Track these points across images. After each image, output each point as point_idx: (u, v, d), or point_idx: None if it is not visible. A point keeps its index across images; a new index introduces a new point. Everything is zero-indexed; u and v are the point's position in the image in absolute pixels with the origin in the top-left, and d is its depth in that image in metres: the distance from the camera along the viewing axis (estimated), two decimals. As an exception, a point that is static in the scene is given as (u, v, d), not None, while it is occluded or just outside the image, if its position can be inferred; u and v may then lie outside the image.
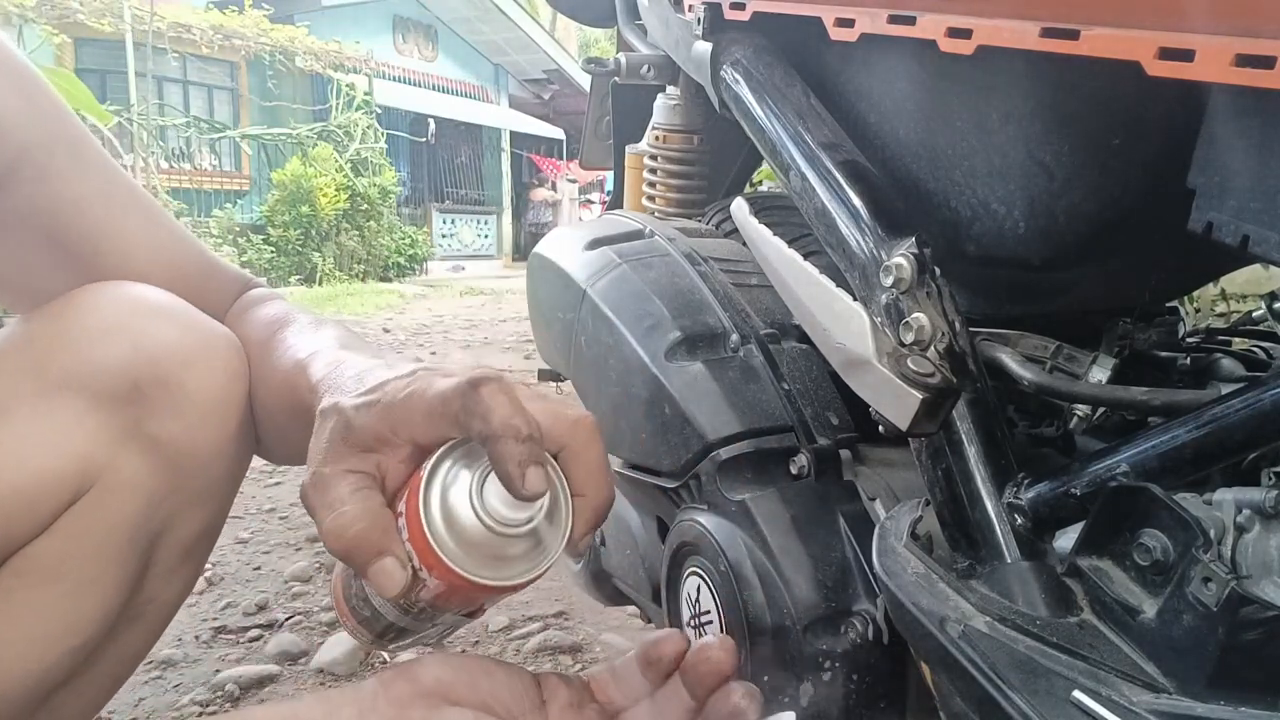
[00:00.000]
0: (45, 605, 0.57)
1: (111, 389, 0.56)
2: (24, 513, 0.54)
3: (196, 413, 0.60)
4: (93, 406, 0.56)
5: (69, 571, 0.57)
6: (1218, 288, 2.15)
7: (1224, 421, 0.49)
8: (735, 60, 0.83)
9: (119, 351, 0.57)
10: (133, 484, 0.59)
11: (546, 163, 15.39)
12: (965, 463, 0.59)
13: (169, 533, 0.63)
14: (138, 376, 0.57)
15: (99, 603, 0.59)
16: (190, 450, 0.61)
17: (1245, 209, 0.48)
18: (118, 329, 0.58)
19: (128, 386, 0.57)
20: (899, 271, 0.60)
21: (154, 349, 0.58)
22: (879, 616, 0.67)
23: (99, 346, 0.57)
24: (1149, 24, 0.46)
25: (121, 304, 0.59)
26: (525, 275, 1.11)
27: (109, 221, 0.65)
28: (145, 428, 0.58)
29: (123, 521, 0.58)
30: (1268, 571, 0.49)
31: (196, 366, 0.60)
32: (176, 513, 0.63)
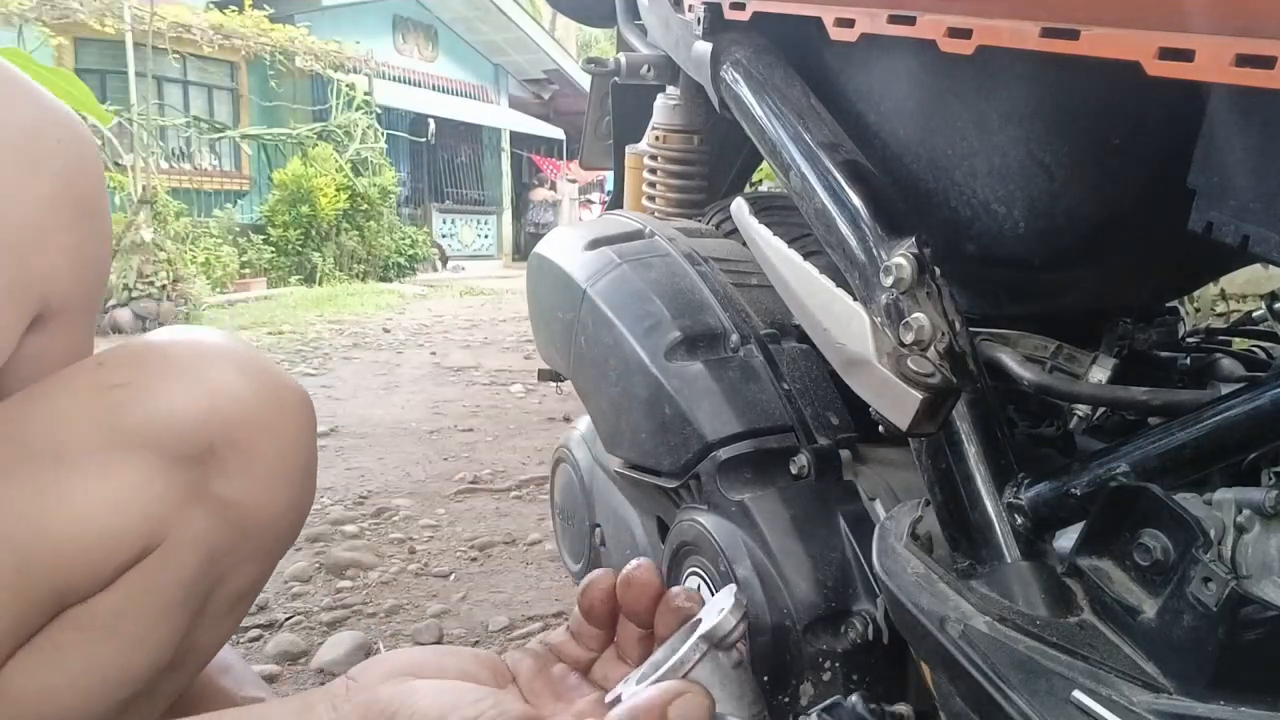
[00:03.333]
0: (98, 659, 0.56)
1: (186, 449, 0.56)
2: (88, 569, 0.54)
3: (266, 475, 0.60)
4: (165, 466, 0.55)
5: (125, 628, 0.56)
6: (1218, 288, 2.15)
7: (1224, 421, 0.49)
8: (735, 60, 0.83)
9: (196, 412, 0.56)
10: (195, 543, 0.58)
11: (546, 163, 15.38)
12: (965, 463, 0.59)
13: (221, 586, 0.63)
14: (213, 438, 0.57)
15: (150, 659, 0.59)
16: (255, 511, 0.61)
17: (1245, 209, 0.48)
18: (195, 386, 0.57)
19: (202, 448, 0.57)
20: (899, 271, 0.60)
21: (230, 410, 0.57)
22: (879, 616, 0.67)
23: (177, 404, 0.56)
24: (1149, 24, 0.46)
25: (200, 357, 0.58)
26: (525, 275, 1.11)
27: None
28: (214, 488, 0.58)
29: (182, 580, 0.58)
30: (1268, 571, 0.49)
31: (270, 429, 0.60)
32: (233, 568, 0.62)
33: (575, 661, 0.46)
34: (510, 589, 1.68)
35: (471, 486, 2.33)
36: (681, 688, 0.36)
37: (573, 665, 0.46)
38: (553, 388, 3.51)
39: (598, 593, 0.45)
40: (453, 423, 3.06)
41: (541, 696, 0.43)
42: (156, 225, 6.46)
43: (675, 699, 0.35)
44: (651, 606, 0.44)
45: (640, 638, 0.45)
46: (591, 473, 1.08)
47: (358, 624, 1.52)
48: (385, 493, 2.23)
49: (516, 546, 1.90)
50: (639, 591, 0.43)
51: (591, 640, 0.46)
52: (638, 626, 0.45)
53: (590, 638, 0.46)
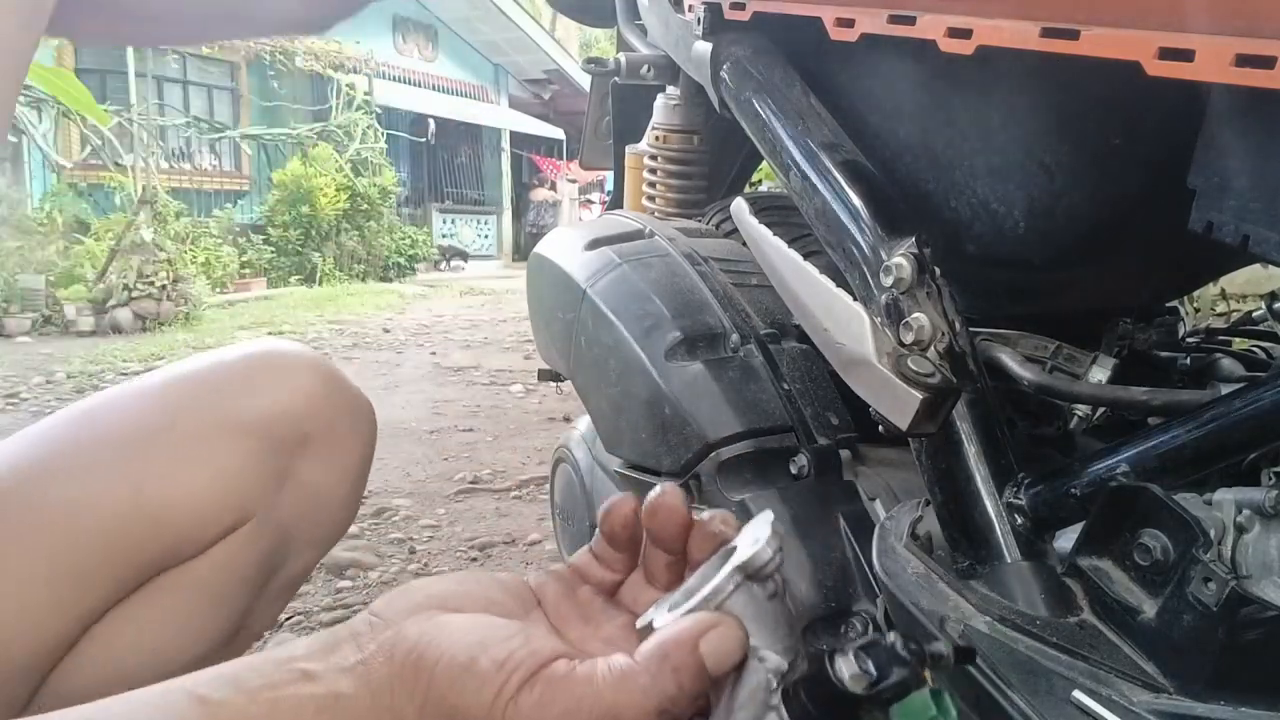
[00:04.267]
0: (182, 619, 0.62)
1: (283, 437, 0.64)
2: (191, 536, 0.61)
3: (342, 466, 0.68)
4: (266, 449, 0.63)
5: (209, 593, 0.63)
6: (1218, 288, 2.15)
7: (1224, 421, 0.49)
8: (735, 60, 0.83)
9: (294, 405, 0.65)
10: (275, 522, 0.65)
11: (546, 163, 15.38)
12: (965, 463, 0.59)
13: (284, 567, 0.69)
14: (308, 429, 0.65)
15: (222, 624, 0.65)
16: (328, 498, 0.69)
17: (1245, 209, 0.48)
18: (294, 385, 0.66)
19: (299, 437, 0.65)
20: (899, 271, 0.60)
21: (321, 408, 0.66)
22: (879, 616, 0.67)
23: (279, 398, 0.64)
24: (1149, 24, 0.46)
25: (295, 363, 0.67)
26: (525, 275, 1.11)
27: None
28: (300, 473, 0.66)
29: (260, 554, 0.65)
30: (1268, 571, 0.49)
31: (348, 428, 0.69)
32: (295, 552, 0.69)
33: (601, 584, 0.45)
34: (510, 589, 1.68)
35: (471, 486, 2.33)
36: (714, 620, 0.35)
37: (598, 588, 0.45)
38: (553, 388, 3.51)
39: (619, 518, 0.43)
40: (453, 423, 3.06)
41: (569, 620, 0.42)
42: (156, 225, 6.46)
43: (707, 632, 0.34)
44: (679, 533, 0.42)
45: (669, 563, 0.43)
46: (591, 473, 1.08)
47: (358, 624, 1.52)
48: (385, 492, 2.23)
49: (516, 546, 1.90)
50: (665, 518, 0.42)
51: (615, 563, 0.45)
52: (665, 553, 0.43)
53: (614, 560, 0.45)
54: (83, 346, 5.06)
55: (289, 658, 0.35)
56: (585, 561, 0.45)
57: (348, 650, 0.35)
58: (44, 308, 5.88)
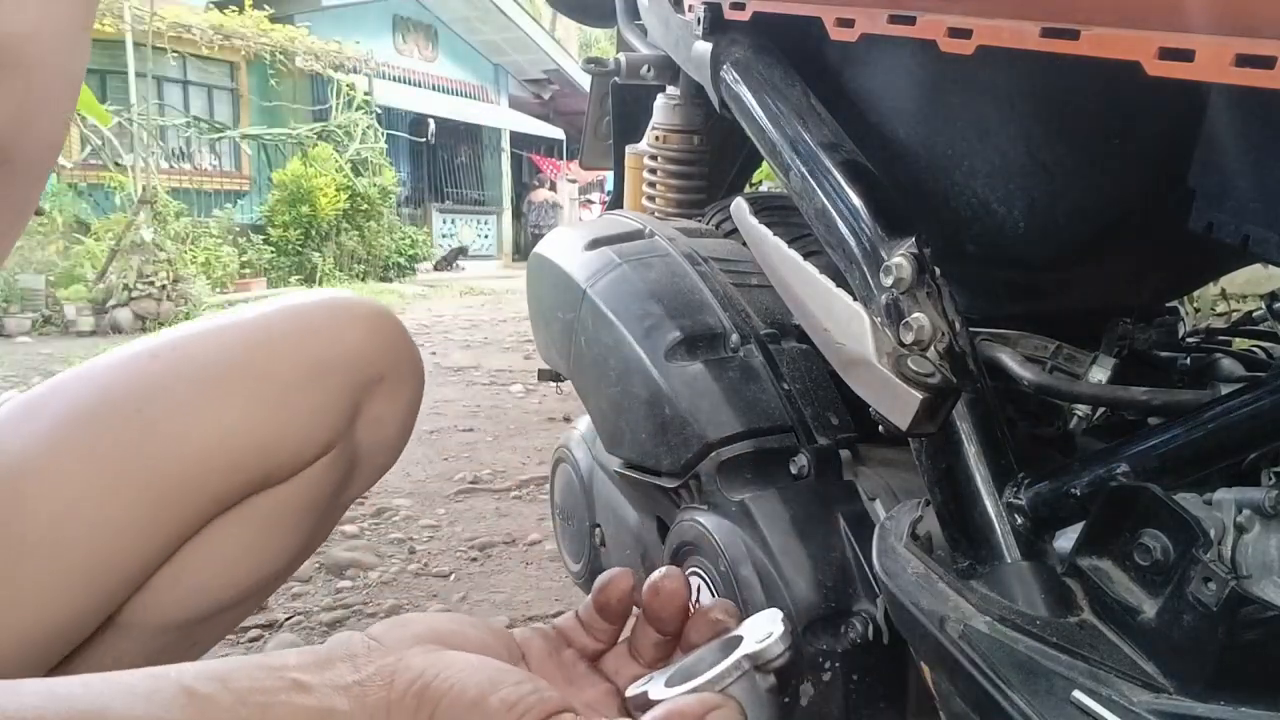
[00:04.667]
0: (265, 539, 0.69)
1: (364, 377, 0.71)
2: (285, 466, 0.67)
3: (403, 401, 0.76)
4: (347, 387, 0.70)
5: (289, 515, 0.69)
6: (1218, 288, 2.15)
7: (1224, 421, 0.49)
8: (735, 60, 0.83)
9: (375, 348, 0.72)
10: (350, 452, 0.72)
11: (546, 163, 15.38)
12: (965, 463, 0.59)
13: (345, 493, 0.76)
14: (380, 369, 0.72)
15: (298, 544, 0.72)
16: (391, 430, 0.76)
17: (1245, 209, 0.48)
18: (376, 331, 0.72)
19: (373, 375, 0.72)
20: (899, 271, 0.60)
21: (390, 349, 0.73)
22: (879, 616, 0.67)
23: (363, 344, 0.71)
24: (1149, 24, 0.46)
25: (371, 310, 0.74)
26: (525, 275, 1.11)
27: None
28: (370, 408, 0.72)
29: (335, 481, 0.72)
30: (1268, 571, 0.49)
31: (412, 371, 0.76)
32: (360, 477, 0.76)
33: (584, 650, 0.46)
34: (510, 589, 1.68)
35: (471, 486, 2.33)
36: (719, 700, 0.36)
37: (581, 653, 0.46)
38: (553, 388, 3.51)
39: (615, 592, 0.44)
40: (453, 423, 3.06)
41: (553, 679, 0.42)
42: (156, 225, 6.45)
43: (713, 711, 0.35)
44: (677, 616, 0.44)
45: (658, 642, 0.45)
46: (591, 473, 1.08)
47: (357, 624, 1.52)
48: (385, 492, 2.23)
49: (516, 546, 1.90)
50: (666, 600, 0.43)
51: (602, 633, 0.46)
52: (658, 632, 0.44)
53: (601, 631, 0.46)
54: (83, 346, 5.06)
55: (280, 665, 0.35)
56: (571, 626, 0.46)
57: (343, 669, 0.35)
58: (44, 308, 5.88)
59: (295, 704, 0.33)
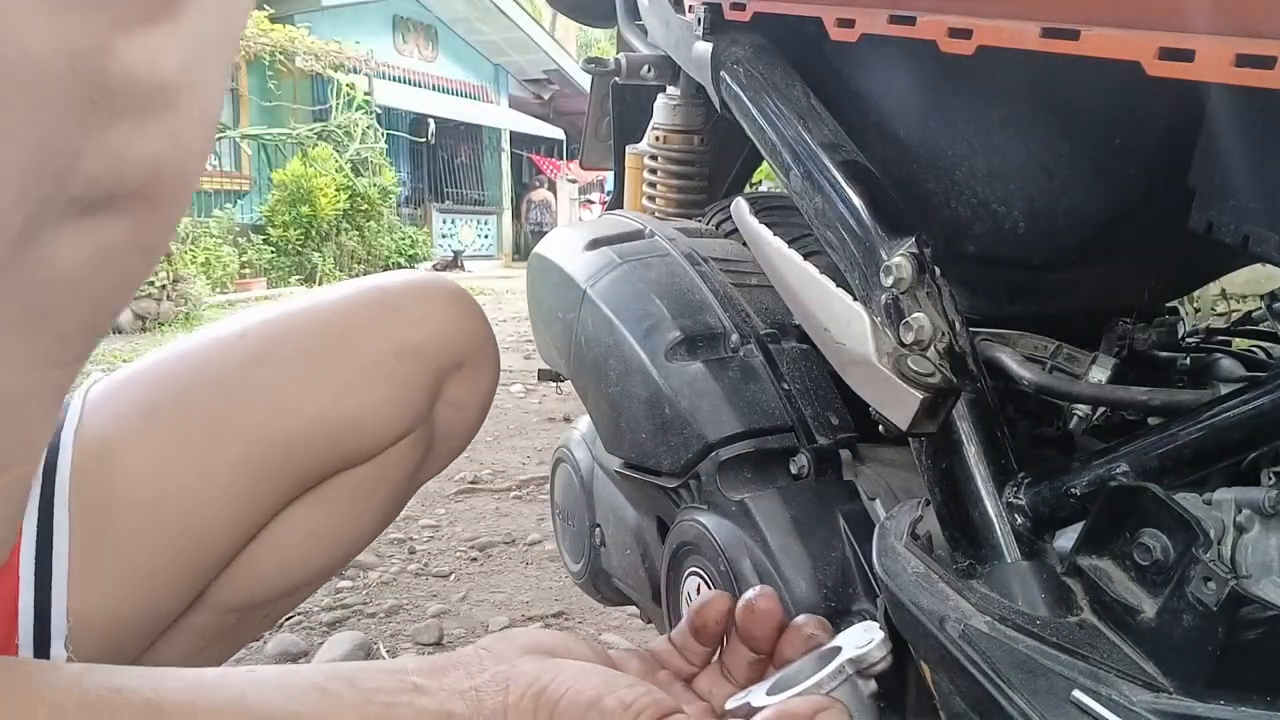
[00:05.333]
0: (348, 516, 0.70)
1: (445, 362, 0.72)
2: (371, 447, 0.68)
3: (481, 387, 0.77)
4: (430, 371, 0.70)
5: (371, 494, 0.71)
6: (1218, 288, 2.15)
7: (1224, 421, 0.49)
8: (735, 60, 0.83)
9: (457, 334, 0.73)
10: (428, 434, 0.73)
11: (546, 163, 15.38)
12: (965, 463, 0.59)
13: (419, 474, 0.76)
14: (462, 354, 0.73)
15: (377, 522, 0.74)
16: (467, 414, 0.77)
17: (1245, 209, 0.48)
18: (457, 314, 0.73)
19: (455, 360, 0.73)
20: (899, 271, 0.60)
21: (471, 334, 0.74)
22: (879, 616, 0.67)
23: (447, 327, 0.72)
24: (1149, 24, 0.46)
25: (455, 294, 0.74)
26: (525, 275, 1.12)
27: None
28: (449, 392, 0.73)
29: (414, 461, 0.73)
30: (1268, 571, 0.49)
31: (490, 355, 0.77)
32: (435, 459, 0.77)
33: (678, 672, 0.46)
34: (510, 589, 1.68)
35: (471, 486, 2.33)
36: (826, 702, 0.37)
37: (675, 675, 0.46)
38: (553, 388, 3.51)
39: (712, 614, 0.45)
40: (453, 423, 3.06)
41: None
42: (156, 225, 6.44)
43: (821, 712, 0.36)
44: (771, 634, 0.45)
45: (751, 661, 0.45)
46: (591, 473, 1.08)
47: (358, 624, 1.53)
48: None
49: (516, 546, 1.90)
50: (761, 618, 0.44)
51: (695, 656, 0.47)
52: (751, 651, 0.45)
53: (695, 653, 0.47)
54: (83, 346, 5.05)
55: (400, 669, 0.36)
56: (665, 649, 0.47)
57: (458, 675, 0.36)
58: (44, 308, 5.88)
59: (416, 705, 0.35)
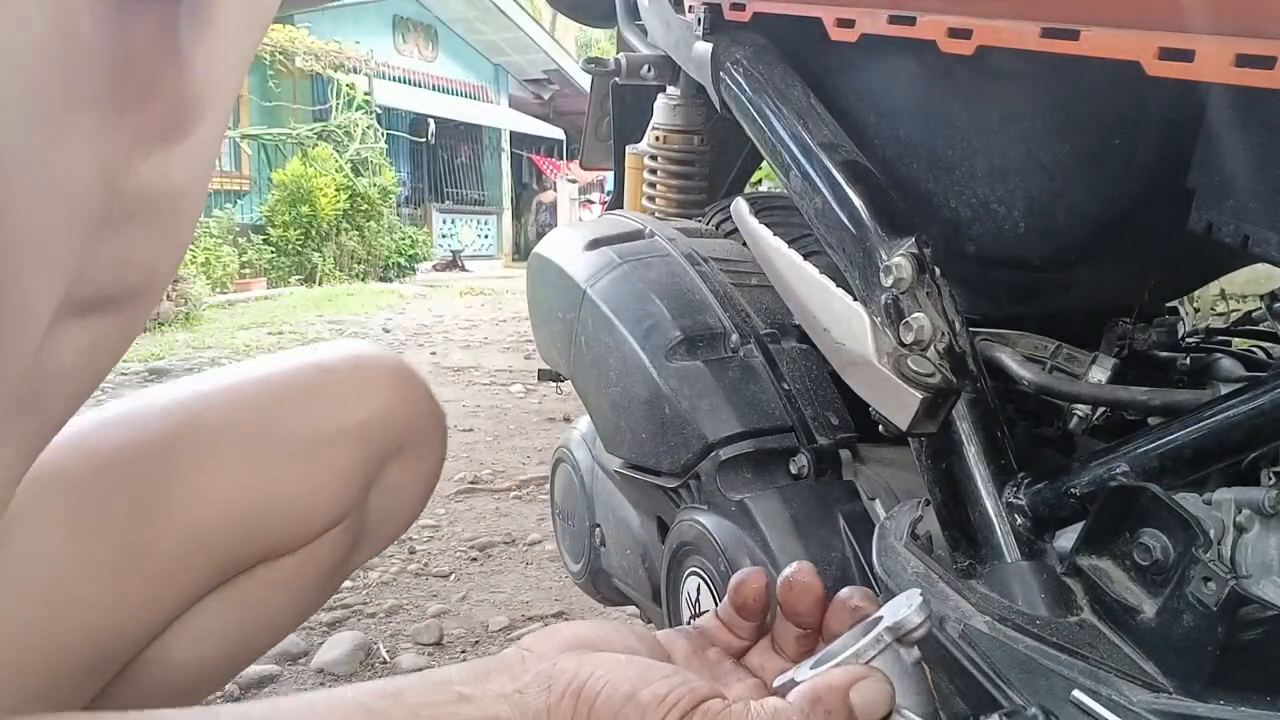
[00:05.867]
0: (267, 611, 0.65)
1: (382, 446, 0.67)
2: (294, 537, 0.63)
3: (422, 471, 0.72)
4: (365, 457, 0.66)
5: (293, 587, 0.66)
6: (1218, 288, 2.15)
7: (1224, 421, 0.49)
8: (735, 60, 0.83)
9: (399, 417, 0.68)
10: (361, 521, 0.68)
11: (546, 162, 15.37)
12: (965, 463, 0.59)
13: (350, 561, 0.72)
14: (402, 437, 0.68)
15: (301, 613, 0.69)
16: (407, 500, 0.72)
17: (1245, 209, 0.48)
18: (399, 396, 0.68)
19: (394, 444, 0.68)
20: (899, 271, 0.60)
21: (413, 415, 0.69)
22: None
23: (382, 409, 0.67)
24: (1149, 24, 0.46)
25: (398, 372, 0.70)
26: (525, 275, 1.12)
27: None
28: (387, 476, 0.69)
29: (343, 551, 0.68)
30: (1268, 571, 0.49)
31: (434, 438, 0.72)
32: (367, 546, 0.73)
33: (728, 647, 0.46)
34: (510, 589, 1.68)
35: (471, 486, 2.33)
36: (865, 671, 0.37)
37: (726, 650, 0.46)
38: (553, 388, 3.51)
39: (750, 591, 0.45)
40: (453, 423, 3.06)
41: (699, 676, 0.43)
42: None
43: (859, 681, 0.36)
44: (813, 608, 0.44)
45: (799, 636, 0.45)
46: (591, 473, 1.08)
47: (358, 624, 1.52)
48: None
49: (516, 546, 1.90)
50: (801, 593, 0.44)
51: (744, 631, 0.46)
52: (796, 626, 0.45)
53: (742, 629, 0.46)
54: (83, 346, 5.04)
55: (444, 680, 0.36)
56: (713, 626, 0.47)
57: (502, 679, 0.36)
58: (44, 308, 5.88)
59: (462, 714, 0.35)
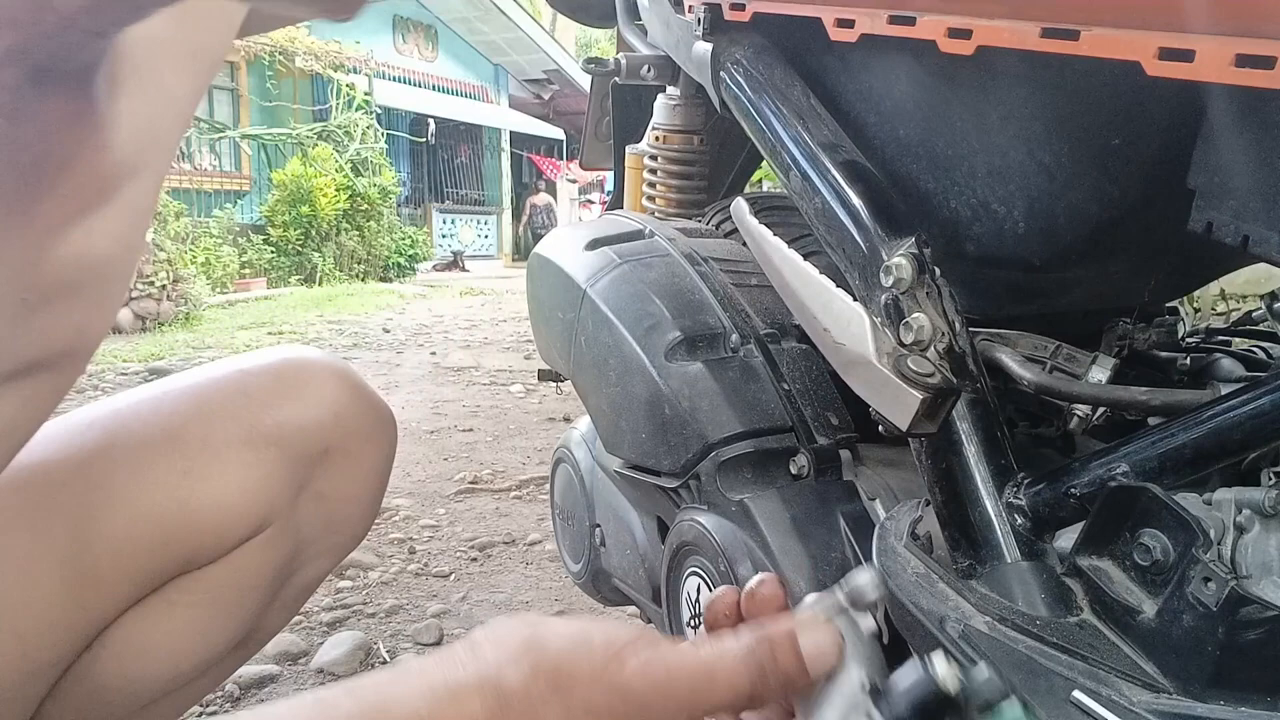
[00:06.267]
0: (197, 622, 0.63)
1: (307, 449, 0.65)
2: (213, 545, 0.61)
3: (361, 477, 0.70)
4: (288, 461, 0.64)
5: (224, 597, 0.64)
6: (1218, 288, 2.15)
7: (1224, 421, 0.49)
8: (735, 60, 0.83)
9: (321, 418, 0.66)
10: (294, 531, 0.67)
11: (546, 162, 15.37)
12: (965, 463, 0.59)
13: (298, 574, 0.70)
14: (330, 443, 0.66)
15: (234, 628, 0.66)
16: (346, 508, 0.70)
17: (1245, 209, 0.48)
18: (322, 397, 0.66)
19: (320, 450, 0.66)
20: (899, 271, 0.60)
21: (346, 421, 0.67)
22: (879, 616, 0.67)
23: (306, 411, 0.65)
24: (1149, 24, 0.46)
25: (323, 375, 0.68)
26: (525, 275, 1.12)
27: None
28: (318, 485, 0.67)
29: (276, 561, 0.66)
30: (1268, 571, 0.49)
31: (371, 440, 0.70)
32: (310, 559, 0.70)
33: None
34: (510, 589, 1.68)
35: (471, 486, 2.33)
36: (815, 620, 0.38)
37: None
38: (553, 388, 3.51)
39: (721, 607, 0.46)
40: (453, 423, 3.06)
41: None
42: (156, 225, 6.46)
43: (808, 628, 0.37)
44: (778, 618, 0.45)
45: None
46: (591, 473, 1.08)
47: (357, 624, 1.53)
48: (385, 492, 2.23)
49: (516, 546, 1.90)
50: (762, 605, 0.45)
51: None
52: None
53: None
54: (83, 346, 5.05)
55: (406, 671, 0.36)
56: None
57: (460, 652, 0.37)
58: (44, 308, 5.88)
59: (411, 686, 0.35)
